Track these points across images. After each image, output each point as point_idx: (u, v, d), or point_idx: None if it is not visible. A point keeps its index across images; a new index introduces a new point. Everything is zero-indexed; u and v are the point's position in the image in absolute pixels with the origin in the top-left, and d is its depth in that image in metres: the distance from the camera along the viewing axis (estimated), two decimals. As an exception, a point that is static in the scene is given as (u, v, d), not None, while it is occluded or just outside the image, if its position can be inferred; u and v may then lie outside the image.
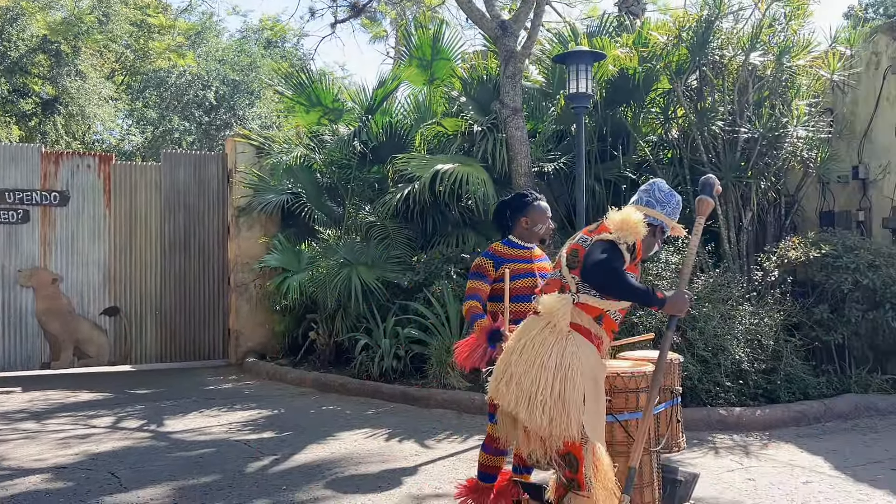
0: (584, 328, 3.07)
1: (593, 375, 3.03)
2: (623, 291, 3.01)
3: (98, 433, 6.36)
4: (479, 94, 9.57)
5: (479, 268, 4.13)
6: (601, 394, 3.10)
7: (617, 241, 3.02)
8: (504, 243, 4.21)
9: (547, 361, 2.99)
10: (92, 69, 18.20)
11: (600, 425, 3.07)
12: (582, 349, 3.04)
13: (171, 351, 10.40)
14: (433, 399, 7.30)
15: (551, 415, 2.93)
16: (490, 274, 4.08)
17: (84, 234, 9.96)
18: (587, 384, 3.00)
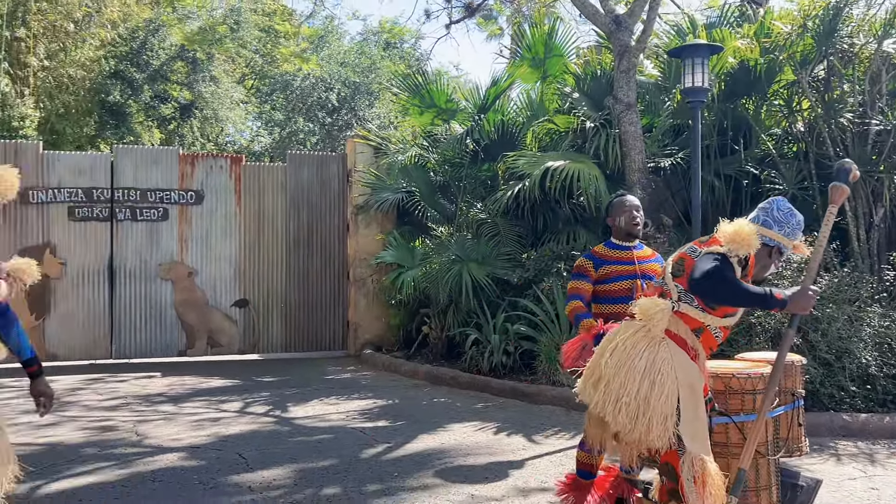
0: (680, 338, 3.04)
1: (689, 383, 2.99)
2: (736, 296, 2.94)
3: (228, 417, 6.84)
4: (592, 90, 9.51)
5: (580, 268, 4.22)
6: (700, 402, 3.03)
7: (728, 254, 2.97)
8: (605, 245, 4.30)
9: (637, 364, 2.98)
10: (224, 74, 19.38)
11: (701, 434, 3.00)
12: (676, 357, 3.01)
13: (295, 341, 10.96)
14: (542, 395, 7.36)
15: (634, 417, 2.93)
16: (591, 274, 4.14)
17: (217, 231, 10.67)
18: (683, 391, 2.97)
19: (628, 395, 2.94)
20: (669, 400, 2.93)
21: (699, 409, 3.02)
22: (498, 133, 9.80)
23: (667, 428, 2.92)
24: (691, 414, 2.97)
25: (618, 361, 3.03)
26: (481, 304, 8.85)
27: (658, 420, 2.91)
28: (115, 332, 10.26)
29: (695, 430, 2.97)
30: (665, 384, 2.94)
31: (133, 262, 10.33)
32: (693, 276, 2.96)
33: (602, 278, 4.12)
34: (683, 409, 2.95)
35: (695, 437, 2.96)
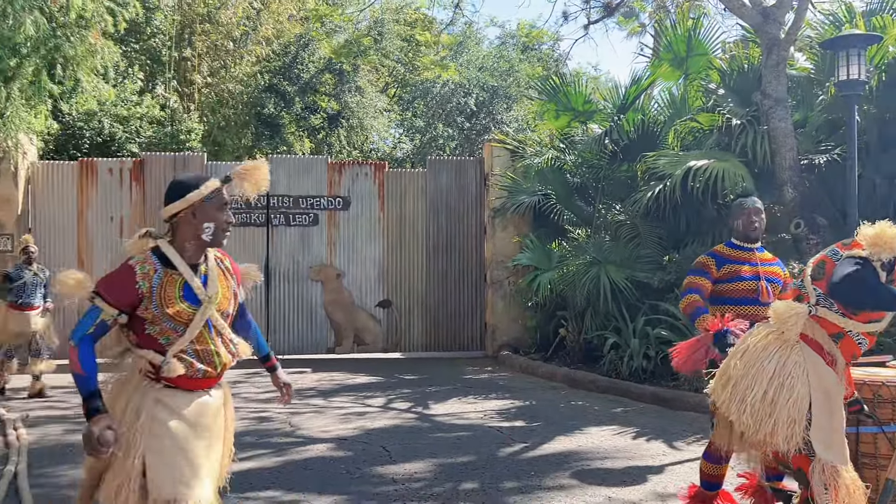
0: (816, 342, 2.95)
1: (824, 388, 2.89)
2: (878, 301, 2.83)
3: (372, 411, 7.18)
4: (738, 86, 9.15)
5: (701, 265, 4.18)
6: (836, 409, 2.92)
7: (870, 258, 2.86)
8: (726, 244, 4.27)
9: (766, 366, 2.93)
10: (369, 84, 20.20)
11: (836, 442, 2.89)
12: (810, 361, 2.92)
13: (435, 341, 11.28)
14: (684, 401, 7.18)
15: (759, 419, 2.87)
16: (712, 271, 4.08)
17: (362, 234, 11.18)
18: (816, 396, 2.87)
19: (754, 396, 2.90)
20: (798, 404, 2.85)
21: (835, 416, 2.91)
22: (638, 133, 9.63)
23: (794, 432, 2.85)
24: (825, 420, 2.87)
25: (747, 363, 2.99)
26: (620, 308, 8.74)
27: (784, 423, 2.85)
28: (270, 330, 10.98)
29: (828, 437, 2.87)
30: (794, 388, 2.87)
31: (286, 265, 11.02)
32: (832, 280, 2.87)
33: (723, 277, 4.06)
34: (815, 415, 2.86)
35: (827, 444, 2.87)
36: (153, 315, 2.51)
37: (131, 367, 2.60)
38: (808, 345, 2.95)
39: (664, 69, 10.19)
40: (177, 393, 2.55)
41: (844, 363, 3.00)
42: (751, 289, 3.96)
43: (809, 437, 2.88)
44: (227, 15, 18.21)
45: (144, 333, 2.54)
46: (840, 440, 2.92)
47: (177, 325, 2.52)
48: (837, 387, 2.95)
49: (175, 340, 2.52)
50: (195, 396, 2.59)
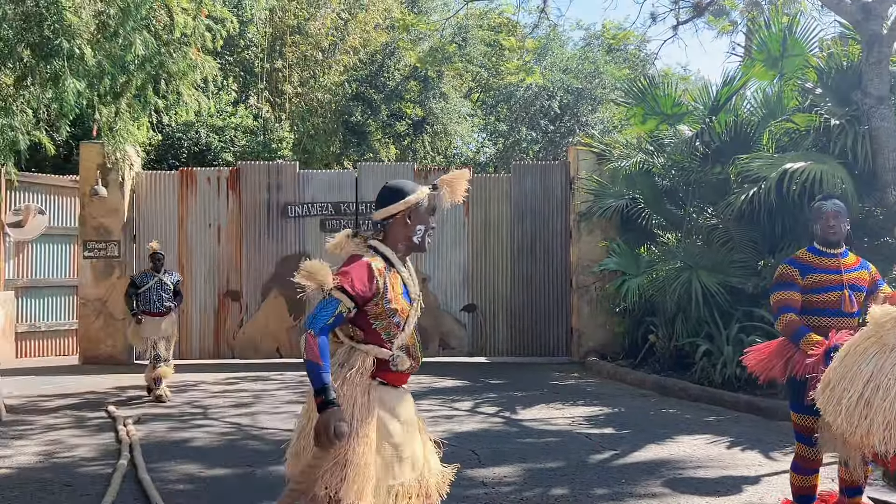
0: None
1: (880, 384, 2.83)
2: None
3: (460, 415, 7.26)
4: (836, 85, 8.79)
5: (786, 276, 3.89)
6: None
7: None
8: (809, 250, 3.99)
9: (863, 368, 2.91)
10: (453, 90, 20.40)
11: None
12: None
13: (520, 346, 11.29)
14: (780, 411, 6.93)
15: (854, 421, 2.86)
16: (798, 281, 3.82)
17: (447, 239, 11.30)
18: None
19: (850, 398, 2.90)
20: (895, 406, 2.80)
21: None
22: (730, 134, 9.38)
23: (891, 434, 2.81)
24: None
25: (845, 366, 2.99)
26: (712, 314, 8.54)
27: (880, 424, 2.82)
28: (358, 333, 11.23)
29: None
30: (892, 389, 2.82)
31: (374, 269, 11.25)
32: None
33: (808, 287, 3.80)
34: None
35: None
36: (383, 310, 2.65)
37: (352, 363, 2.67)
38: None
39: (757, 69, 9.89)
40: (389, 390, 2.70)
41: None
42: (834, 300, 3.73)
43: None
44: (316, 26, 18.77)
45: (371, 328, 2.67)
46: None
47: (399, 321, 2.68)
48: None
49: (396, 336, 2.67)
50: (402, 393, 2.76)
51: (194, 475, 5.18)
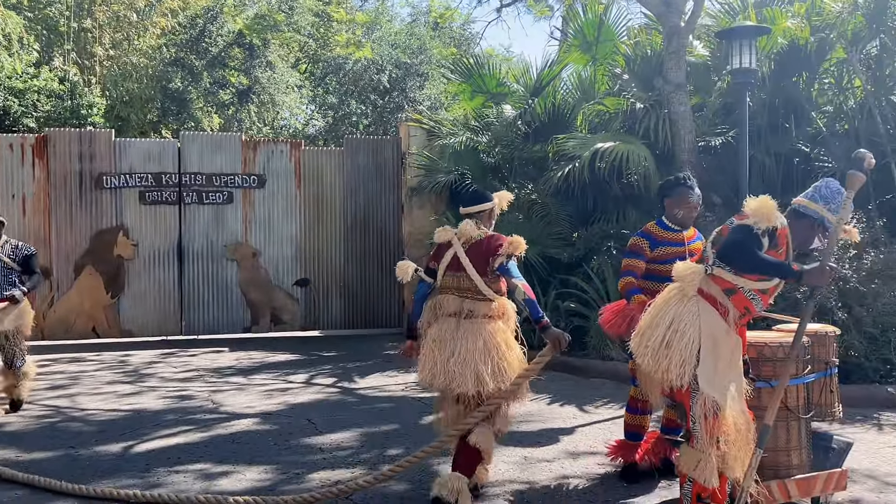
0: (711, 296, 3.37)
1: (712, 334, 3.31)
2: (754, 265, 3.29)
3: (295, 387, 7.31)
4: (642, 71, 9.63)
5: (636, 247, 4.47)
6: (721, 353, 3.31)
7: (753, 227, 3.27)
8: (657, 224, 4.52)
9: (665, 316, 3.39)
10: (280, 60, 19.88)
11: (718, 382, 3.29)
12: (703, 311, 3.34)
13: (354, 319, 11.43)
14: (592, 369, 7.65)
15: (657, 359, 3.34)
16: (646, 253, 4.39)
17: (278, 213, 11.16)
18: (705, 341, 3.29)
19: (654, 340, 3.38)
20: (689, 346, 3.29)
21: (720, 360, 3.31)
22: (549, 115, 10.00)
23: (685, 371, 3.30)
24: (710, 361, 3.29)
25: (653, 315, 3.47)
26: (533, 282, 9.11)
27: (676, 362, 3.30)
28: (184, 310, 10.86)
29: (711, 376, 3.29)
30: (686, 332, 3.31)
31: (200, 244, 10.90)
32: (721, 245, 3.37)
33: (656, 258, 4.38)
34: (703, 356, 3.29)
35: (710, 381, 3.29)
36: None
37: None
38: (705, 298, 3.37)
39: (574, 53, 10.59)
40: None
41: (739, 314, 3.39)
42: None
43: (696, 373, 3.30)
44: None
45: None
46: (723, 382, 3.31)
47: None
48: (726, 336, 3.35)
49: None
50: None
51: (10, 460, 4.88)
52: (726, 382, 3.34)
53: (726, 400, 3.31)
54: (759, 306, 3.43)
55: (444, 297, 4.12)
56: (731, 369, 3.37)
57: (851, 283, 6.58)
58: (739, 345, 3.44)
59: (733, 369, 3.38)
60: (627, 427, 4.50)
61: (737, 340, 3.42)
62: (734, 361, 3.39)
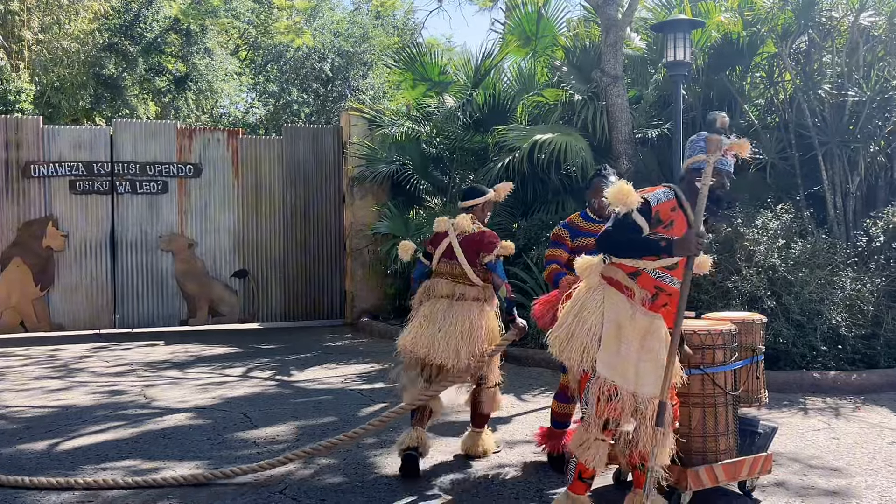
0: (616, 281, 3.43)
1: (615, 319, 3.36)
2: (622, 248, 3.40)
3: (231, 381, 7.18)
4: (581, 63, 9.72)
5: (558, 237, 4.59)
6: (627, 336, 3.35)
7: (617, 213, 3.37)
8: (581, 215, 4.63)
9: (573, 308, 3.48)
10: (219, 46, 19.45)
11: (620, 365, 3.33)
12: (608, 299, 3.40)
13: (294, 310, 11.29)
14: (531, 358, 7.72)
15: (563, 348, 3.43)
16: (567, 243, 4.47)
17: (215, 203, 10.92)
18: (607, 327, 3.36)
19: (561, 331, 3.47)
20: (590, 333, 3.38)
21: (621, 344, 3.35)
22: (489, 106, 10.02)
23: (586, 356, 3.38)
24: (612, 346, 3.35)
25: (565, 309, 3.55)
26: (473, 273, 9.15)
27: (577, 348, 3.39)
28: (118, 303, 10.56)
29: (613, 360, 3.34)
30: (587, 320, 3.40)
31: (134, 234, 10.60)
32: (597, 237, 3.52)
33: (577, 248, 4.42)
34: (604, 341, 3.35)
35: (611, 365, 3.33)
36: None
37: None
38: (611, 285, 3.44)
39: (514, 45, 10.63)
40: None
41: (649, 294, 3.41)
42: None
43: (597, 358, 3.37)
44: (60, -34, 16.90)
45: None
46: (625, 366, 3.34)
47: None
48: (631, 320, 3.37)
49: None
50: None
51: (-75, 463, 4.66)
52: (631, 366, 3.34)
53: (630, 385, 3.33)
54: (673, 283, 3.41)
55: (438, 280, 4.61)
56: (644, 353, 3.36)
57: (780, 272, 6.78)
58: (656, 328, 3.39)
59: (646, 353, 3.36)
60: (554, 415, 4.56)
61: (650, 323, 3.39)
62: (647, 346, 3.37)
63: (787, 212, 7.41)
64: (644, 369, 3.35)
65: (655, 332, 3.40)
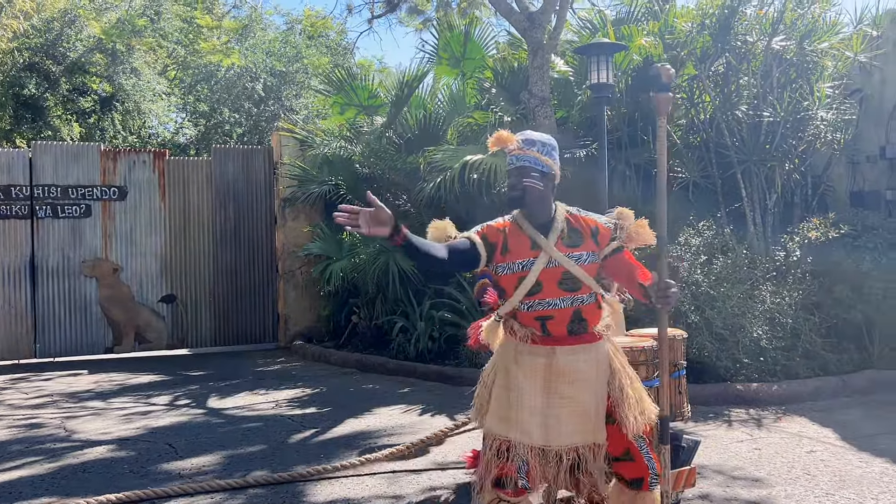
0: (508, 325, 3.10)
1: (504, 366, 3.06)
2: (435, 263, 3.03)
3: (157, 410, 6.96)
4: (509, 85, 9.86)
5: None
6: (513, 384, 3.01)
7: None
8: None
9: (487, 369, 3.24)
10: (146, 66, 19.01)
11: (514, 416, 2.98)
12: (498, 350, 3.14)
13: (225, 335, 11.04)
14: (465, 378, 7.70)
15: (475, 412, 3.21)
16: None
17: (141, 226, 10.63)
18: (498, 376, 3.07)
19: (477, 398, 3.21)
20: (484, 385, 3.16)
21: (512, 392, 2.99)
22: (420, 127, 10.06)
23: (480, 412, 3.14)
24: (503, 397, 3.02)
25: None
26: (408, 293, 9.15)
27: (476, 404, 3.17)
28: (38, 331, 10.15)
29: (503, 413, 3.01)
30: (485, 372, 3.20)
31: (55, 260, 10.22)
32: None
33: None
34: (495, 394, 3.06)
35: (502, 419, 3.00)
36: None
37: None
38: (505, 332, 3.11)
39: (443, 66, 10.73)
40: None
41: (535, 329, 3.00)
42: None
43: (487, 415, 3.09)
44: (-25, -17, 16.30)
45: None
46: (522, 415, 2.95)
47: None
48: (517, 364, 3.00)
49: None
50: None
51: None
52: (534, 417, 2.95)
53: (535, 438, 2.94)
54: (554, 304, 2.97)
55: None
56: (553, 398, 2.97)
57: (703, 287, 6.98)
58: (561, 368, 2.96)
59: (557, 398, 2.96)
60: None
61: (548, 364, 2.97)
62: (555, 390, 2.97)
63: (708, 228, 7.65)
64: (557, 418, 2.95)
65: (564, 373, 2.96)
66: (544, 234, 3.04)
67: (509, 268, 3.03)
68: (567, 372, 2.97)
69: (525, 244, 3.02)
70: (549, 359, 2.98)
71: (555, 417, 2.95)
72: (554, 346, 2.99)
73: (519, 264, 3.01)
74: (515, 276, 3.01)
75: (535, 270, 2.98)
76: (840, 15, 11.73)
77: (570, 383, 2.96)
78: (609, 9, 11.00)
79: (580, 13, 11.54)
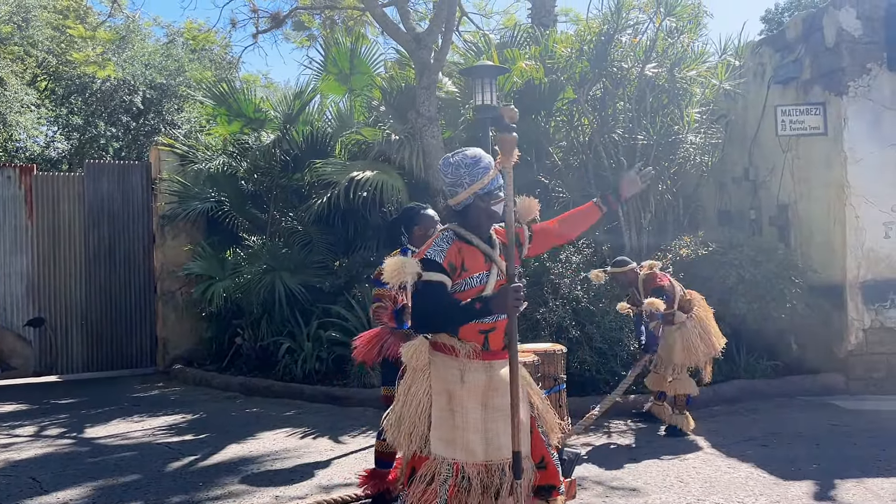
0: (441, 344, 3.07)
1: (447, 390, 3.02)
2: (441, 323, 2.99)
3: (20, 442, 6.49)
4: (397, 103, 9.92)
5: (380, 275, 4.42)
6: (460, 408, 2.99)
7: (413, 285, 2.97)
8: (403, 252, 4.53)
9: (402, 385, 3.17)
10: (13, 75, 17.87)
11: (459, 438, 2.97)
12: (435, 370, 3.06)
13: (99, 360, 10.45)
14: (353, 398, 7.64)
15: (393, 432, 3.12)
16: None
17: (6, 246, 9.95)
18: (438, 399, 3.02)
19: (393, 416, 3.14)
20: (418, 410, 3.05)
21: (457, 414, 2.98)
22: (307, 143, 9.96)
23: (415, 435, 3.02)
24: (447, 419, 2.99)
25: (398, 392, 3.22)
26: (294, 313, 8.97)
27: (406, 431, 3.05)
28: None
29: (449, 435, 2.98)
30: (416, 396, 3.07)
31: None
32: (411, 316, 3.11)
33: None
34: (435, 417, 3.00)
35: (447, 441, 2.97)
36: None
37: None
38: (437, 350, 3.07)
39: (330, 83, 10.66)
40: None
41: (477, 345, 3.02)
42: None
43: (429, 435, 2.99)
44: None
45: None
46: (467, 437, 2.96)
47: None
48: (462, 385, 2.99)
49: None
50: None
51: None
52: (477, 435, 2.95)
53: (478, 455, 2.95)
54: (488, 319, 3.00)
55: None
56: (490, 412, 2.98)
57: (583, 303, 7.22)
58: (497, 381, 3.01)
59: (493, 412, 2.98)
60: (378, 455, 4.52)
61: (489, 379, 3.01)
62: (493, 404, 2.99)
63: (588, 246, 7.93)
64: (496, 431, 2.97)
65: (499, 386, 3.00)
66: (491, 247, 3.12)
67: (468, 283, 3.03)
68: (502, 385, 3.00)
69: (479, 259, 3.07)
70: (489, 373, 3.03)
71: (493, 431, 2.98)
72: (491, 360, 3.05)
73: (476, 278, 3.05)
74: (475, 290, 3.02)
75: (491, 283, 3.04)
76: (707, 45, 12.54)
77: (503, 395, 2.98)
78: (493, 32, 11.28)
79: (465, 35, 11.78)
